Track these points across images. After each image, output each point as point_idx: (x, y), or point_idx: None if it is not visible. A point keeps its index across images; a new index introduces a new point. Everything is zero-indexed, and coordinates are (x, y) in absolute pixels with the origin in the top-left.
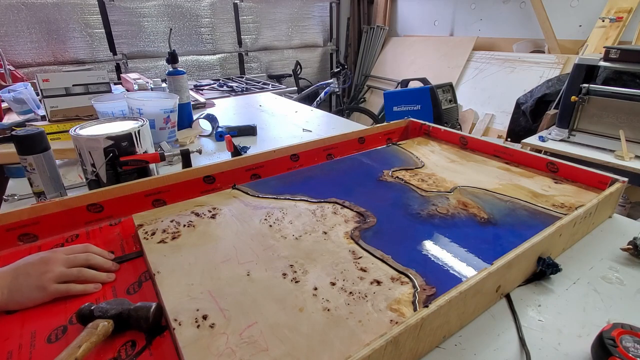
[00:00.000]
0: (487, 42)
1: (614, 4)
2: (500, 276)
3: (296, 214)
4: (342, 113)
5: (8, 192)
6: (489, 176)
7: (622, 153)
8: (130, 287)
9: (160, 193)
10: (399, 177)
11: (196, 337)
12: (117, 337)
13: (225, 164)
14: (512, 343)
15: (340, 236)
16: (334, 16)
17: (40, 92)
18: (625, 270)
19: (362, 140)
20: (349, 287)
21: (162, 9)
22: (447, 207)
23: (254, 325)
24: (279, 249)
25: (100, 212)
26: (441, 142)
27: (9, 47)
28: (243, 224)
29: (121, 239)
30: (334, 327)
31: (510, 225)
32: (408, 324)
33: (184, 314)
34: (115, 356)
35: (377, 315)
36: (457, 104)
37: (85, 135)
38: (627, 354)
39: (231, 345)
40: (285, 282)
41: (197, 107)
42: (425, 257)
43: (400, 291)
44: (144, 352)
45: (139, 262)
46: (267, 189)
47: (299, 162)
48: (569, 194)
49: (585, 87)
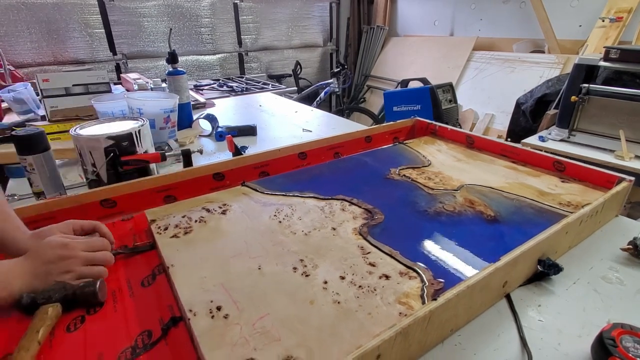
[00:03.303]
0: (487, 42)
1: (614, 4)
2: (506, 272)
3: (305, 210)
4: (342, 113)
5: (8, 192)
6: (495, 175)
7: (622, 153)
8: (145, 280)
9: (171, 190)
10: (406, 175)
11: (211, 327)
12: (135, 326)
13: (234, 161)
14: (512, 343)
15: (348, 232)
16: (334, 16)
17: (40, 92)
18: (625, 270)
19: (368, 139)
20: (358, 281)
21: (162, 9)
22: (454, 205)
23: (266, 316)
24: (288, 244)
25: (113, 208)
26: (447, 141)
27: (9, 47)
28: (253, 220)
29: (134, 233)
30: (344, 319)
31: (516, 223)
32: (417, 316)
33: (198, 305)
34: (132, 345)
35: (386, 308)
36: (457, 104)
37: (85, 135)
38: (627, 354)
39: (245, 335)
40: (296, 276)
41: (197, 107)
42: (433, 253)
43: (408, 285)
44: (159, 342)
45: (152, 256)
46: (275, 186)
47: (307, 160)
48: (576, 192)
49: (585, 87)
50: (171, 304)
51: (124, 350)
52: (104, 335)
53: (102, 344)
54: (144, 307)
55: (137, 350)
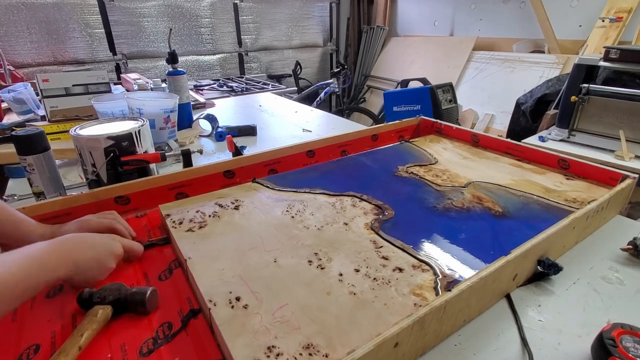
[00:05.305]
0: (487, 42)
1: (614, 4)
2: (517, 264)
3: (316, 206)
4: (342, 113)
5: (8, 192)
6: (501, 172)
7: (622, 153)
8: (162, 274)
9: (183, 187)
10: (414, 172)
11: (231, 317)
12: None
13: (244, 159)
14: (512, 343)
15: (360, 227)
16: (334, 16)
17: (40, 92)
18: (625, 270)
19: (375, 138)
20: (372, 273)
21: (162, 9)
22: (462, 201)
23: (285, 306)
24: (302, 238)
25: (127, 205)
26: (453, 140)
27: (9, 47)
28: (266, 215)
29: (148, 229)
30: (361, 309)
31: (524, 219)
32: (433, 306)
33: (217, 296)
34: (153, 336)
35: (401, 299)
36: (457, 104)
37: (85, 135)
38: (627, 354)
39: (265, 324)
40: (311, 268)
41: (197, 107)
42: (444, 247)
43: (421, 278)
44: (180, 333)
45: (168, 250)
46: (286, 182)
47: (314, 158)
48: (581, 189)
49: (585, 87)
50: (189, 296)
51: (145, 341)
52: (125, 327)
53: (124, 336)
54: (163, 300)
55: (159, 340)
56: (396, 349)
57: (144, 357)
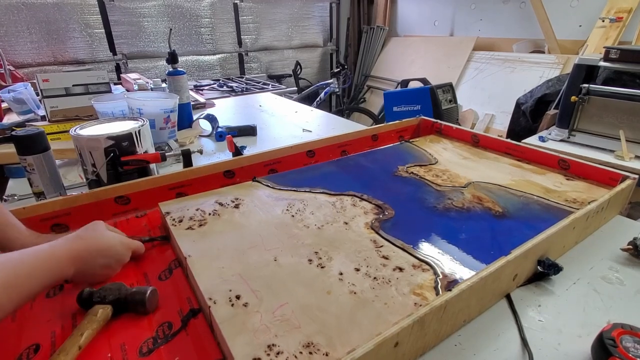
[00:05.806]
0: (487, 42)
1: (614, 4)
2: (517, 265)
3: (316, 205)
4: (342, 113)
5: (8, 192)
6: (501, 172)
7: (622, 153)
8: (162, 274)
9: (183, 187)
10: (414, 172)
11: (231, 315)
12: (155, 318)
13: (244, 159)
14: (512, 343)
15: (360, 226)
16: (334, 16)
17: (40, 92)
18: (625, 270)
19: (375, 138)
20: (372, 272)
21: (162, 9)
22: (462, 201)
23: (285, 305)
24: (302, 237)
25: (127, 204)
26: (453, 140)
27: (9, 47)
28: (266, 214)
29: (148, 229)
30: (361, 308)
31: (524, 219)
32: (433, 305)
33: (217, 294)
34: (153, 336)
35: (401, 298)
36: (457, 104)
37: (85, 135)
38: (627, 354)
39: (265, 322)
40: (311, 267)
41: (197, 107)
42: (444, 247)
43: (422, 277)
44: (180, 332)
45: (168, 250)
46: (286, 182)
47: (314, 158)
48: (581, 190)
49: (585, 87)
50: (189, 296)
51: (145, 340)
52: (125, 326)
53: (124, 335)
54: (163, 300)
55: (159, 340)
56: (396, 349)
57: (144, 357)
